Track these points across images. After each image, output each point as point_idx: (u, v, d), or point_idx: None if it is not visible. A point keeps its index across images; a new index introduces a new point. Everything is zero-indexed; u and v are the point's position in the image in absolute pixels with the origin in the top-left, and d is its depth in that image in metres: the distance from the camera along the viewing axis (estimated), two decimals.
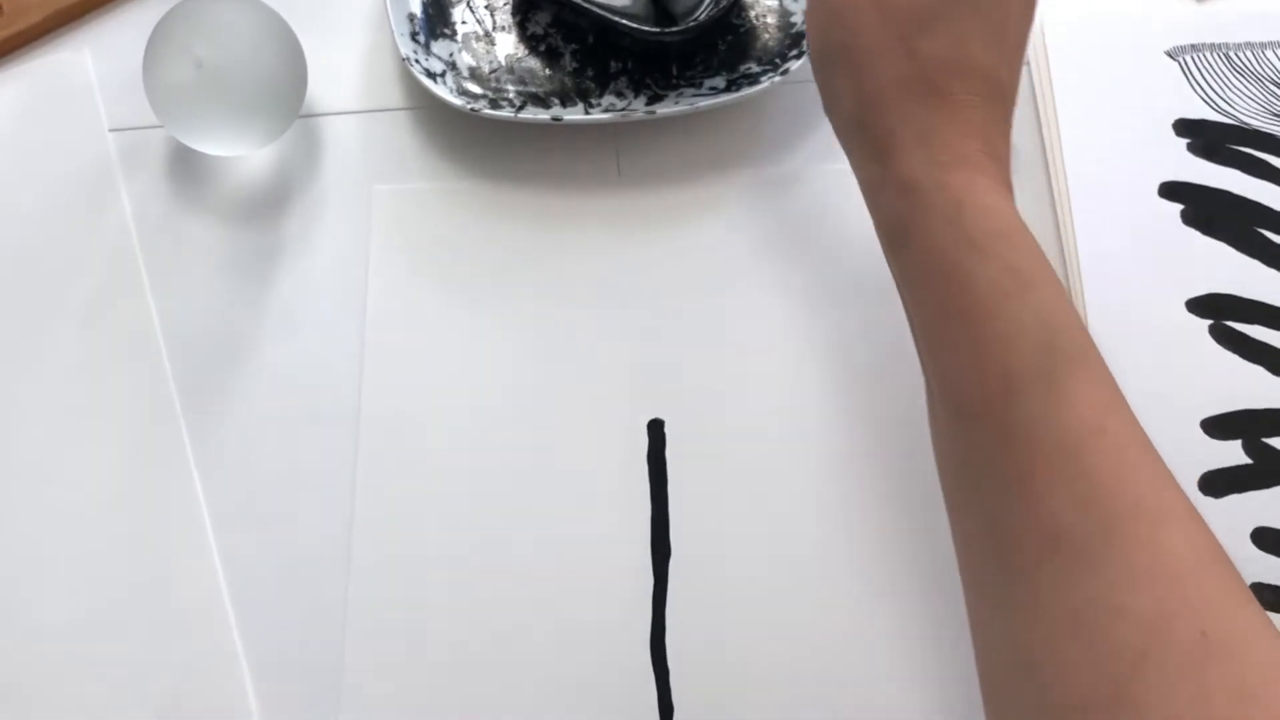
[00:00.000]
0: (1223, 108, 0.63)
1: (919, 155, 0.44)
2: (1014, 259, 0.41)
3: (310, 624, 0.55)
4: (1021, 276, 0.41)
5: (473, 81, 0.63)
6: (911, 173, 0.44)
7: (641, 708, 0.53)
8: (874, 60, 0.45)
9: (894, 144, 0.44)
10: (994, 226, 0.42)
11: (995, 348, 0.40)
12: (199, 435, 0.58)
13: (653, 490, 0.56)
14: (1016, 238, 0.42)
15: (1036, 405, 0.39)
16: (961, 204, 0.42)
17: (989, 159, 0.43)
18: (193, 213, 0.63)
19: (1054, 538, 0.38)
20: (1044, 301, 0.41)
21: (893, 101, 0.44)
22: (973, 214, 0.42)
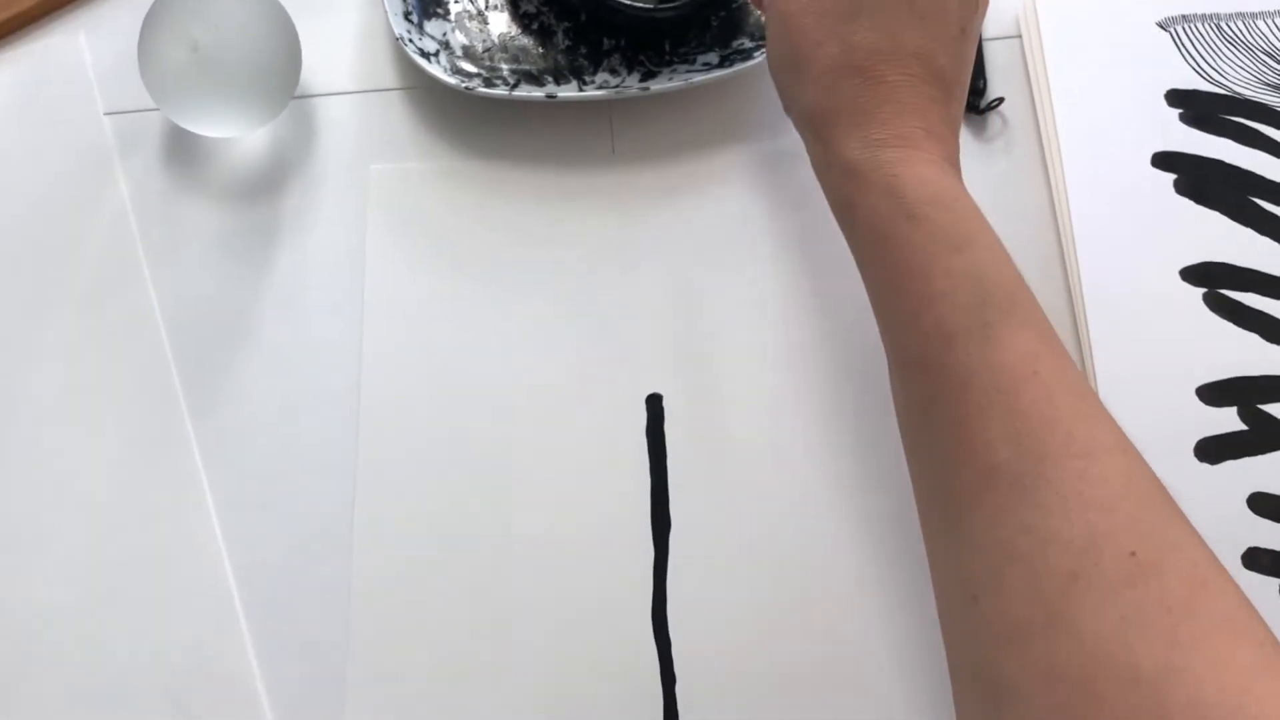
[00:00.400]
0: (1214, 78, 0.63)
1: (856, 137, 0.47)
2: (947, 223, 0.44)
3: (314, 601, 0.55)
4: (954, 238, 0.44)
5: (466, 60, 0.63)
6: (851, 153, 0.47)
7: (644, 677, 0.53)
8: (814, 54, 0.48)
9: (835, 128, 0.48)
10: (928, 194, 0.45)
11: (932, 305, 0.43)
12: (200, 416, 0.58)
13: (652, 464, 0.57)
14: (952, 203, 0.45)
15: (973, 354, 0.42)
16: (897, 177, 0.45)
17: (926, 136, 0.46)
18: (189, 195, 0.63)
19: (990, 472, 0.40)
20: (977, 261, 0.44)
21: (831, 89, 0.48)
22: (908, 185, 0.45)
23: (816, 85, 0.48)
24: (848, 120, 0.47)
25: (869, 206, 0.46)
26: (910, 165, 0.45)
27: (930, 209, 0.44)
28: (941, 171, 0.46)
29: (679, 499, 0.56)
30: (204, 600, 0.55)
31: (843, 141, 0.47)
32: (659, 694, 0.53)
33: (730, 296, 0.60)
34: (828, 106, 0.48)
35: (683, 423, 0.58)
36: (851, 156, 0.47)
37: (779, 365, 0.58)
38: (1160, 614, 0.36)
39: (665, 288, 0.60)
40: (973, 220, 0.45)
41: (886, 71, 0.47)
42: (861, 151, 0.46)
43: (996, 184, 0.62)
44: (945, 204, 0.45)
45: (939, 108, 0.47)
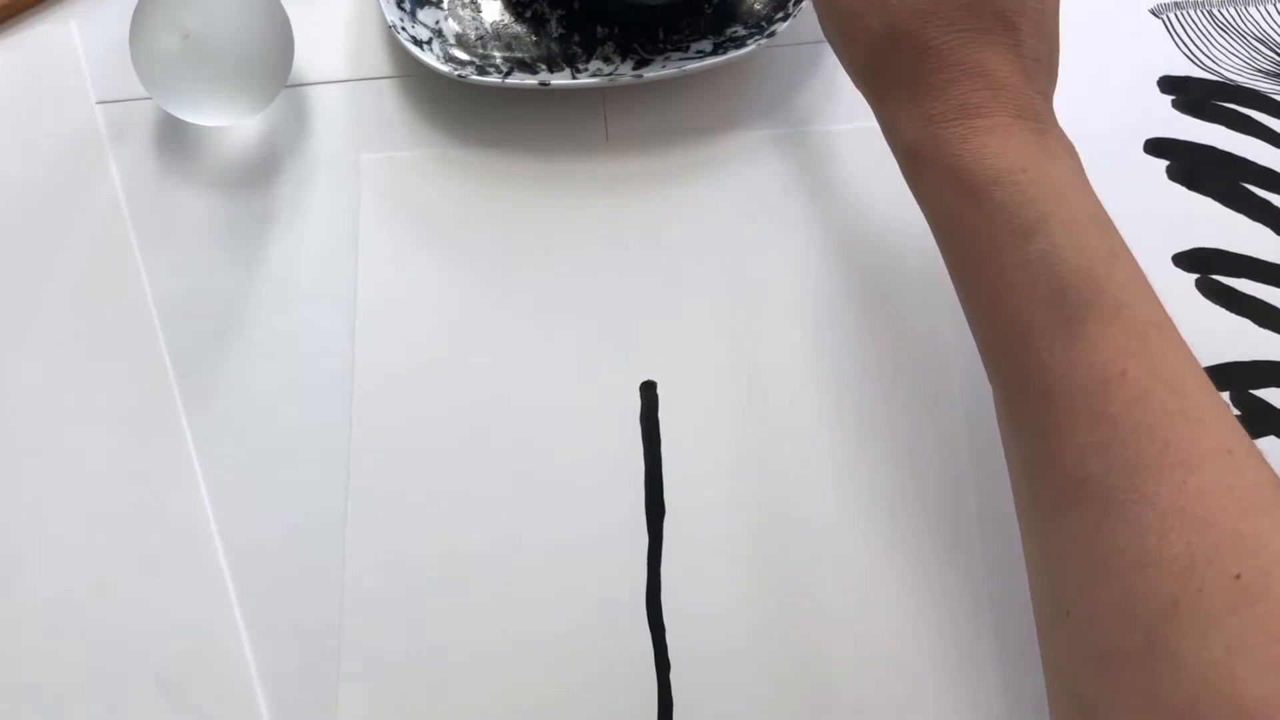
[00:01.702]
0: (1207, 64, 0.63)
1: (913, 115, 0.43)
2: (1015, 205, 0.40)
3: (308, 588, 0.55)
4: (1025, 221, 0.40)
5: (459, 48, 0.63)
6: (910, 134, 0.43)
7: (638, 664, 0.53)
8: (857, 30, 0.44)
9: (891, 106, 0.44)
10: (992, 172, 0.41)
11: (1007, 300, 0.40)
12: (193, 404, 0.58)
13: (646, 451, 0.57)
14: (1020, 177, 0.41)
15: (1055, 353, 0.39)
16: (958, 157, 0.41)
17: (992, 95, 0.42)
18: (182, 183, 0.63)
19: (1081, 486, 0.38)
20: (1052, 246, 0.40)
21: (879, 66, 0.44)
22: (969, 164, 0.41)
23: (865, 64, 0.45)
24: (903, 96, 0.43)
25: (934, 192, 0.43)
26: (972, 139, 0.41)
27: (996, 189, 0.40)
28: (1009, 138, 0.41)
29: (673, 486, 0.56)
30: (198, 588, 0.55)
31: (901, 121, 0.44)
32: (653, 681, 0.53)
33: (725, 283, 0.60)
34: (880, 85, 0.45)
35: (677, 409, 0.58)
36: (911, 138, 0.43)
37: (774, 352, 0.58)
38: (1266, 643, 0.33)
39: (659, 274, 0.60)
40: (1047, 194, 0.41)
41: (931, 34, 0.42)
42: (920, 131, 0.43)
43: None
44: (1013, 180, 0.40)
45: (1005, 53, 0.42)
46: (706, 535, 0.55)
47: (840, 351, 0.58)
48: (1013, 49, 0.42)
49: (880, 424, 0.57)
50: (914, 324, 0.59)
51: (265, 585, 0.55)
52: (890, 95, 0.44)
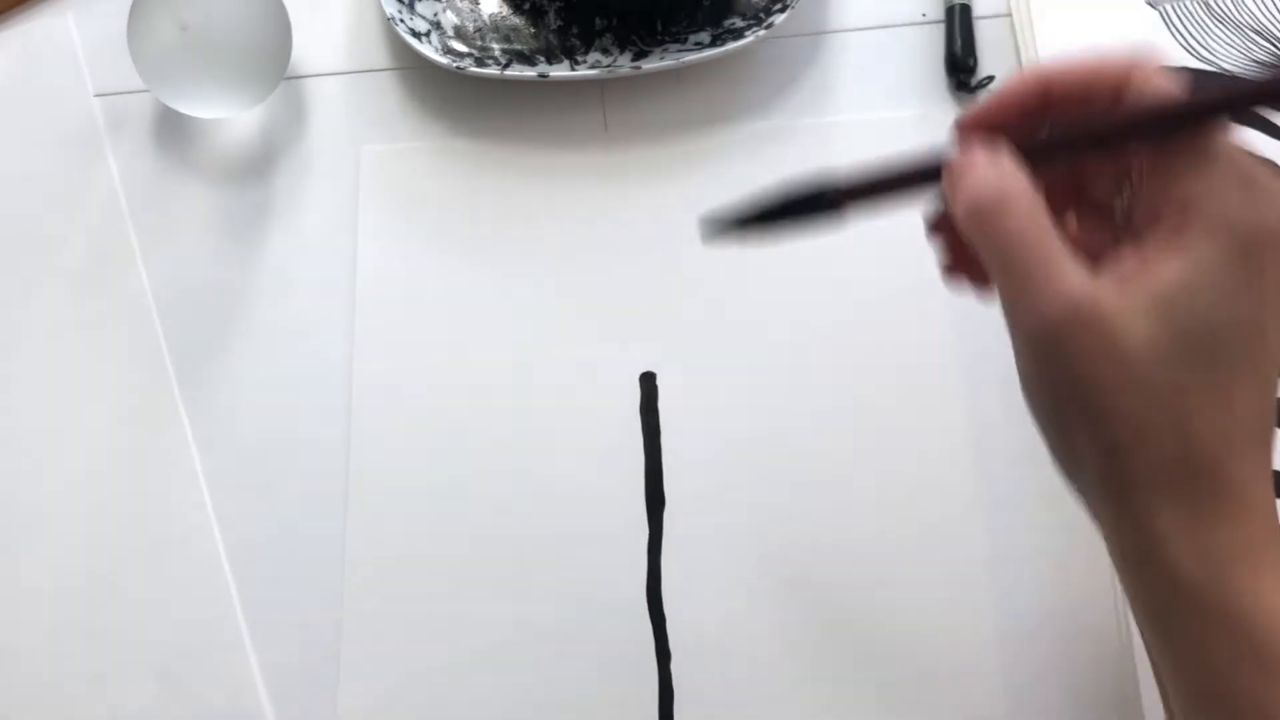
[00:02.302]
0: (1203, 55, 0.63)
1: (1192, 544, 0.35)
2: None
3: (308, 579, 0.55)
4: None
5: (458, 40, 0.63)
6: (1178, 564, 0.35)
7: (639, 653, 0.53)
8: (1136, 449, 0.35)
9: (1154, 527, 0.35)
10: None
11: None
12: (192, 397, 0.58)
13: (646, 442, 0.57)
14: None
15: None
16: (1246, 611, 0.34)
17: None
18: (180, 176, 0.63)
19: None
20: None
21: (1153, 484, 0.35)
22: (1263, 621, 0.33)
23: (1132, 473, 0.35)
24: (1178, 525, 0.35)
25: (1202, 640, 0.34)
26: (1262, 593, 0.34)
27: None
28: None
29: (673, 477, 0.56)
30: (197, 580, 0.55)
31: (1167, 547, 0.35)
32: (654, 670, 0.53)
33: (723, 274, 0.60)
34: (1148, 504, 0.35)
35: (676, 400, 0.58)
36: (1180, 568, 0.34)
37: (773, 343, 0.58)
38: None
39: (658, 266, 0.60)
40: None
41: (1232, 465, 0.34)
42: (1196, 566, 0.34)
43: None
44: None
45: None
46: (706, 526, 0.55)
47: (839, 343, 0.58)
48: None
49: (879, 414, 0.57)
50: (913, 315, 0.59)
51: (265, 578, 0.56)
52: (1157, 516, 0.35)
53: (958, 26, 0.64)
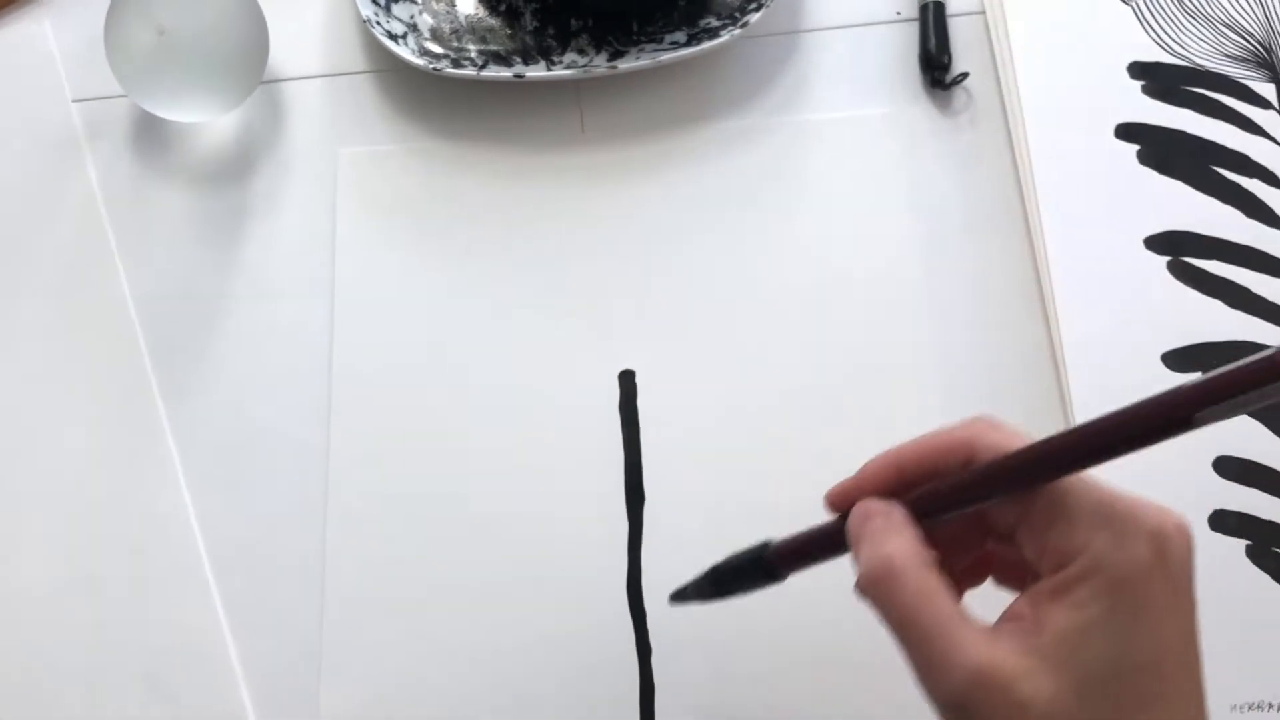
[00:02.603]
0: (1176, 50, 0.64)
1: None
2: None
3: (290, 579, 0.55)
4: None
5: (434, 42, 0.63)
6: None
7: (619, 649, 0.54)
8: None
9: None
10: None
11: None
12: (173, 399, 0.58)
13: (625, 439, 0.57)
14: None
15: None
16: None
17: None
18: (159, 180, 0.63)
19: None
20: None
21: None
22: None
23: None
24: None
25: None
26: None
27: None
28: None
29: (653, 473, 0.56)
30: (179, 581, 0.55)
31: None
32: (635, 665, 0.53)
33: (701, 272, 0.60)
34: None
35: (656, 398, 0.58)
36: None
37: (751, 340, 0.59)
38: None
39: (636, 265, 0.60)
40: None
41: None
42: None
43: (962, 158, 0.62)
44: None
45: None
46: (686, 522, 0.56)
47: (817, 339, 0.59)
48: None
49: (858, 409, 0.57)
50: (889, 311, 0.59)
51: (247, 579, 0.56)
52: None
53: (931, 24, 0.64)
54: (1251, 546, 0.54)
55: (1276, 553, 0.54)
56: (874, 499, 0.40)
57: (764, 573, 0.44)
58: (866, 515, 0.40)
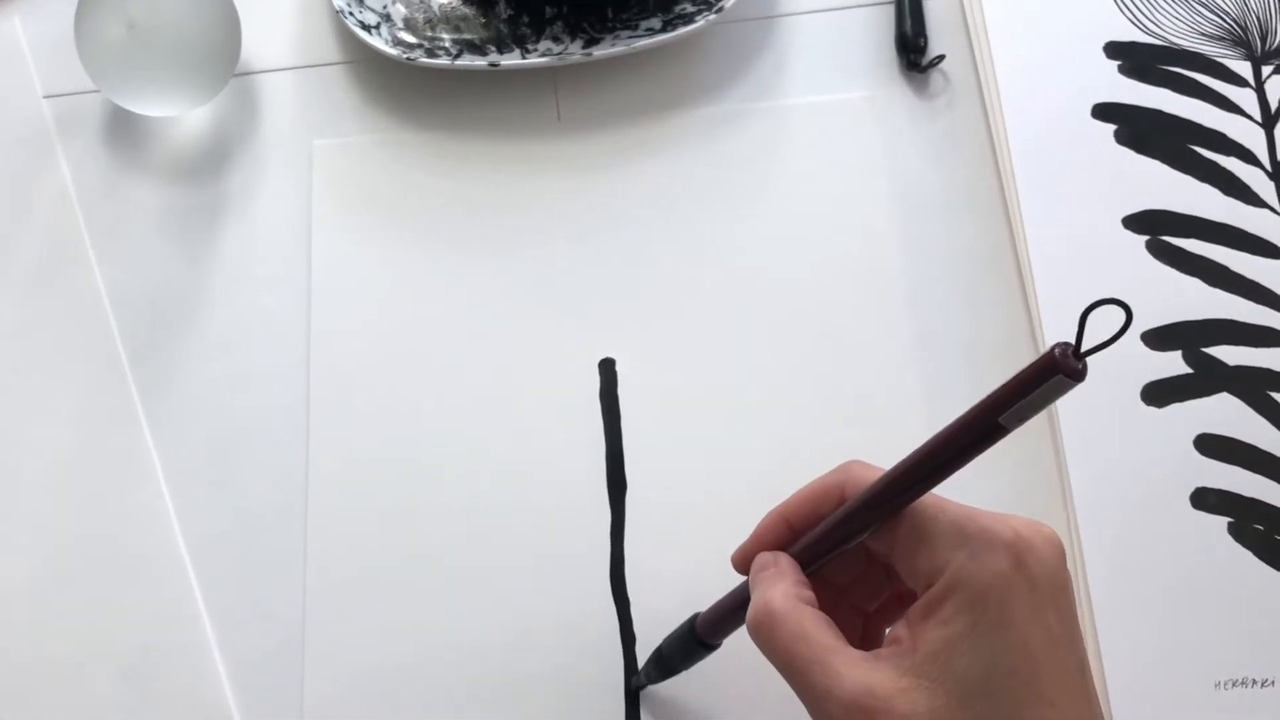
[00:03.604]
0: (1151, 29, 0.64)
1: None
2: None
3: (271, 573, 0.55)
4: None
5: (408, 31, 0.63)
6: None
7: (603, 637, 0.53)
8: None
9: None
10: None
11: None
12: (149, 395, 0.58)
13: (606, 427, 0.57)
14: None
15: None
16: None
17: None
18: (132, 175, 0.62)
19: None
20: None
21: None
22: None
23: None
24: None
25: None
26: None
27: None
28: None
29: (634, 462, 0.56)
30: (159, 576, 0.55)
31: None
32: (619, 653, 0.53)
33: (680, 259, 0.60)
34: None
35: (636, 386, 0.58)
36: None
37: (731, 327, 0.59)
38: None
39: (615, 253, 0.60)
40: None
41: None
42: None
43: (940, 141, 0.62)
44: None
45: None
46: (668, 509, 0.55)
47: (796, 324, 0.58)
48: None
49: (837, 398, 0.57)
50: (869, 295, 0.59)
51: (227, 572, 0.55)
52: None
53: (907, 6, 0.64)
54: (1233, 523, 0.54)
55: (1258, 529, 0.54)
56: (766, 553, 0.43)
57: (699, 644, 0.48)
58: (760, 568, 0.43)
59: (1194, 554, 0.54)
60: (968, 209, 0.61)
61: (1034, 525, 0.38)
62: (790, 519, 0.44)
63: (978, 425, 0.35)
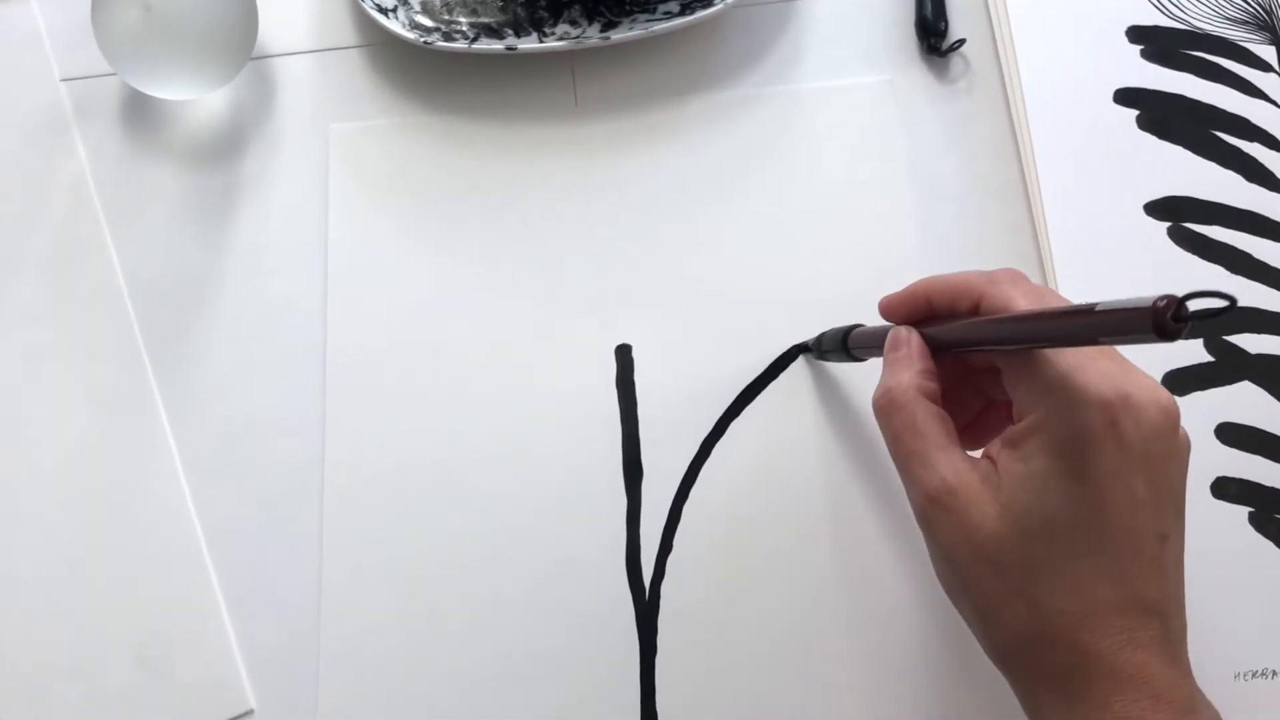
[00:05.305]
0: (1174, 13, 0.63)
1: (1068, 718, 0.40)
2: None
3: (286, 559, 0.55)
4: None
5: (424, 15, 0.62)
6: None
7: (620, 624, 0.53)
8: (998, 617, 0.41)
9: (1042, 699, 0.41)
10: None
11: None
12: (166, 379, 0.58)
13: (623, 414, 0.57)
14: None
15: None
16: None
17: (1152, 704, 0.38)
18: (149, 158, 0.62)
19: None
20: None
21: (1030, 659, 0.41)
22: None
23: (1010, 653, 0.41)
24: (1056, 697, 0.40)
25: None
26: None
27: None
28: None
29: (650, 449, 0.56)
30: (176, 563, 0.55)
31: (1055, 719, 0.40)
32: (635, 640, 0.53)
33: (696, 244, 0.60)
34: (1029, 675, 0.41)
35: (653, 372, 0.57)
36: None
37: (748, 312, 0.58)
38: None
39: (631, 238, 0.60)
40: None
41: (1090, 640, 0.39)
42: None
43: (960, 126, 0.62)
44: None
45: (1159, 650, 0.39)
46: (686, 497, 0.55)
47: (814, 311, 0.58)
48: (1163, 642, 0.39)
49: (855, 381, 0.57)
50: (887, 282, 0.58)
51: (244, 559, 0.55)
52: (1041, 689, 0.41)
53: None
54: (1254, 513, 0.54)
55: (1279, 519, 0.54)
56: (903, 330, 0.46)
57: (847, 352, 0.52)
58: (893, 344, 0.46)
59: (1214, 544, 0.53)
60: (988, 194, 0.61)
61: (1152, 391, 0.40)
62: (933, 299, 0.46)
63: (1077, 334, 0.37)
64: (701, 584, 0.54)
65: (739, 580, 0.54)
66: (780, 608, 0.54)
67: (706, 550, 0.54)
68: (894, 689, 0.53)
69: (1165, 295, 0.31)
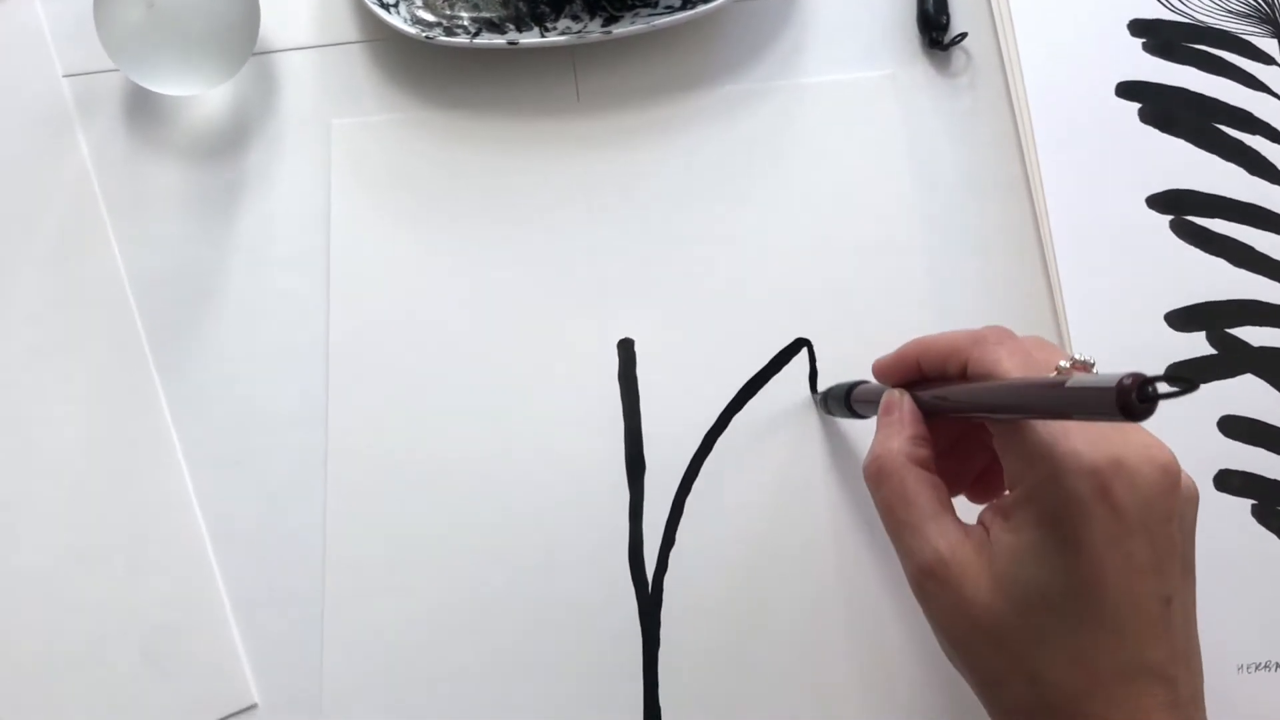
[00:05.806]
0: (1177, 6, 0.63)
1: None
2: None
3: (290, 554, 0.55)
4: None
5: (426, 10, 0.62)
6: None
7: (622, 617, 0.53)
8: (997, 692, 0.41)
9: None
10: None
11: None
12: (169, 375, 0.58)
13: (625, 408, 0.57)
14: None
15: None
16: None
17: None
18: (152, 154, 0.62)
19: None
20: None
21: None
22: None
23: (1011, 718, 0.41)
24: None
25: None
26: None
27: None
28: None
29: (653, 442, 0.56)
30: (179, 556, 0.55)
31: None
32: (638, 634, 0.53)
33: (699, 239, 0.60)
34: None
35: (655, 366, 0.57)
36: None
37: (750, 307, 0.58)
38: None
39: (634, 233, 0.60)
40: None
41: (1094, 711, 0.38)
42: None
43: (962, 119, 0.62)
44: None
45: (1166, 714, 0.38)
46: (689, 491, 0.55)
47: (817, 303, 0.58)
48: (1172, 707, 0.38)
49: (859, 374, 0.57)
50: (889, 277, 0.59)
51: (247, 553, 0.55)
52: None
53: None
54: (1257, 506, 0.54)
55: None
56: (894, 393, 0.46)
57: (849, 409, 0.52)
58: (886, 408, 0.45)
59: (1217, 537, 0.53)
60: (990, 188, 0.61)
61: (1148, 449, 0.38)
62: (922, 362, 0.45)
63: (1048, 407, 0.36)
64: (704, 577, 0.54)
65: (742, 573, 0.54)
66: (783, 601, 0.54)
67: (709, 544, 0.54)
68: (895, 684, 0.53)
69: (1131, 373, 0.30)
